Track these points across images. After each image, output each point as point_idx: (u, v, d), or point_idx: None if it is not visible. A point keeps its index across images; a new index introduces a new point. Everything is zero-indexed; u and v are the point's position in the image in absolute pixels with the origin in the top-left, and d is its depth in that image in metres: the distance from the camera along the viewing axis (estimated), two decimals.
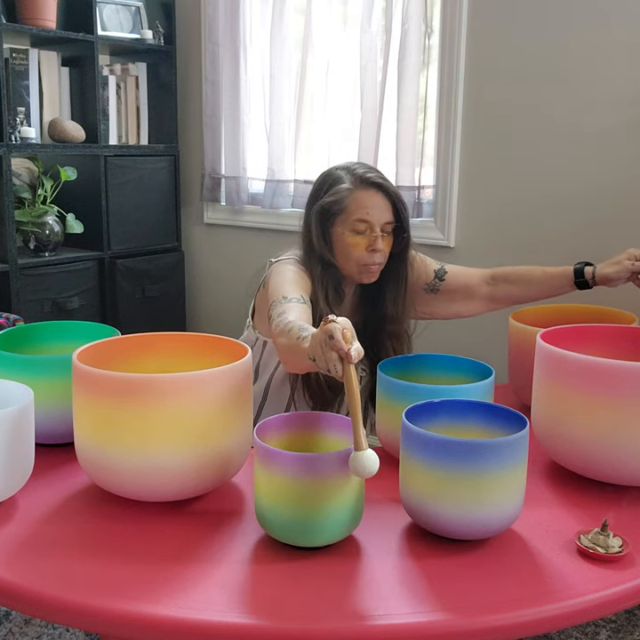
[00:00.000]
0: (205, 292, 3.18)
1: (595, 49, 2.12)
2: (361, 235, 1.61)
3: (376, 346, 1.72)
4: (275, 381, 1.72)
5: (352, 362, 1.07)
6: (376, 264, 1.63)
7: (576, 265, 1.74)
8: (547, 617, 0.96)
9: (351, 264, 1.63)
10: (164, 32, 2.96)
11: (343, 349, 1.07)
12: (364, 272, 1.64)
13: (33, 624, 1.84)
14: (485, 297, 1.81)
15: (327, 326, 1.09)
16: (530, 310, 1.84)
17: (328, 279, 1.64)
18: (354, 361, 1.07)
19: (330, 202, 1.62)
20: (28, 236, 2.71)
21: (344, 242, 1.62)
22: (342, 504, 1.06)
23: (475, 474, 1.04)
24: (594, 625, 1.85)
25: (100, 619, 0.96)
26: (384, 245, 1.62)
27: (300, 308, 1.44)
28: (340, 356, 1.07)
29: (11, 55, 2.60)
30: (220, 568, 1.05)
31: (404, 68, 2.42)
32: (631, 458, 1.22)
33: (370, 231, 1.60)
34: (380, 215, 1.61)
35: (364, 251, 1.61)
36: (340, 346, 1.07)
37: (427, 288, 1.80)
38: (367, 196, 1.61)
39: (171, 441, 1.13)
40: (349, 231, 1.61)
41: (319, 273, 1.63)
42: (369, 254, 1.61)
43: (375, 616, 0.94)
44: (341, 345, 1.07)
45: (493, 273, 1.81)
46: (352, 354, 1.07)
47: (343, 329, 1.09)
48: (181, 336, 1.41)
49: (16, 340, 1.51)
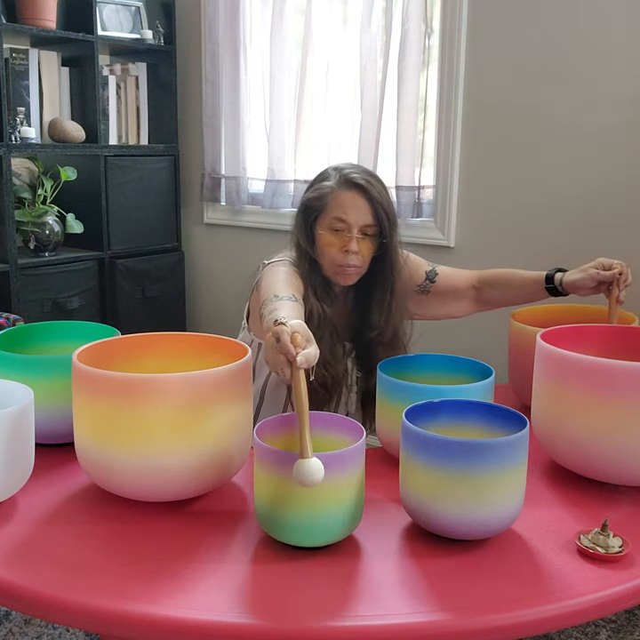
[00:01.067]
0: (205, 292, 3.18)
1: (595, 49, 2.12)
2: (338, 235, 1.60)
3: (369, 352, 1.71)
4: (271, 383, 1.72)
5: (298, 367, 1.05)
6: (350, 266, 1.61)
7: (549, 271, 1.70)
8: (547, 617, 0.96)
9: (327, 264, 1.63)
10: (164, 32, 2.96)
11: (290, 353, 1.06)
12: (340, 273, 1.62)
13: (33, 624, 1.84)
14: (472, 299, 1.82)
15: (275, 329, 1.08)
16: (530, 310, 1.84)
17: (316, 277, 1.63)
18: (300, 366, 1.05)
19: (311, 198, 1.63)
20: (28, 236, 2.71)
21: (322, 241, 1.62)
22: (342, 504, 1.06)
23: (475, 474, 1.04)
24: (594, 625, 1.85)
25: (100, 619, 0.96)
26: (361, 248, 1.60)
27: (292, 305, 1.43)
28: (288, 359, 1.06)
29: (11, 55, 2.60)
30: (220, 568, 1.05)
31: (404, 68, 2.42)
32: (631, 458, 1.22)
33: (347, 231, 1.59)
34: (359, 217, 1.59)
35: (339, 251, 1.60)
36: (287, 349, 1.06)
37: (418, 289, 1.80)
38: (348, 196, 1.59)
39: (171, 441, 1.13)
40: (327, 229, 1.61)
41: (306, 270, 1.63)
42: (343, 255, 1.60)
43: (375, 616, 0.94)
44: (288, 349, 1.06)
45: (479, 275, 1.81)
46: (299, 359, 1.05)
47: (293, 332, 1.08)
48: (181, 336, 1.41)
49: (16, 340, 1.51)
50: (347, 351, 1.73)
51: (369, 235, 1.61)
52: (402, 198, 2.49)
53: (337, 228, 1.59)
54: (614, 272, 1.59)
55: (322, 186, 1.62)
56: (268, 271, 1.61)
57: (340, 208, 1.59)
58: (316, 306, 1.60)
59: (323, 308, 1.62)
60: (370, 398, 1.69)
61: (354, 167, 1.65)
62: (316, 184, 1.65)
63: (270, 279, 1.56)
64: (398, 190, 2.49)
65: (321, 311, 1.61)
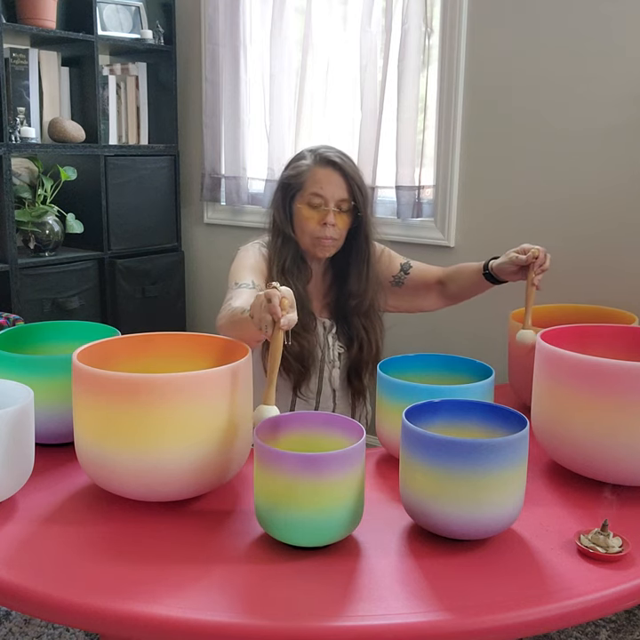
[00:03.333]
0: (205, 292, 3.18)
1: (595, 49, 2.12)
2: (315, 209, 1.71)
3: (347, 324, 1.81)
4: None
5: (282, 328, 1.18)
6: (328, 238, 1.71)
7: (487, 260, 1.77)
8: (547, 617, 0.96)
9: (306, 237, 1.73)
10: (164, 32, 2.96)
11: (277, 314, 1.18)
12: (318, 245, 1.73)
13: (33, 624, 1.84)
14: (439, 293, 1.90)
15: (268, 291, 1.20)
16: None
17: (287, 252, 1.74)
18: (283, 327, 1.18)
19: (289, 176, 1.75)
20: (28, 236, 2.71)
21: (300, 215, 1.73)
22: (342, 504, 1.06)
23: (475, 474, 1.04)
24: (594, 625, 1.85)
25: (99, 619, 0.96)
26: (338, 221, 1.71)
27: (249, 293, 1.56)
28: (273, 319, 1.18)
29: (11, 55, 2.60)
30: (219, 568, 1.05)
31: (404, 68, 2.42)
32: (631, 458, 1.22)
33: (324, 206, 1.70)
34: (335, 191, 1.70)
35: (317, 224, 1.71)
36: (275, 310, 1.18)
37: (393, 281, 1.89)
38: (324, 172, 1.71)
39: (171, 441, 1.13)
40: (305, 205, 1.72)
41: (279, 245, 1.74)
42: (321, 228, 1.71)
43: (375, 616, 0.94)
44: (276, 310, 1.17)
45: (444, 271, 1.90)
46: (282, 321, 1.18)
47: (282, 297, 1.19)
48: (181, 336, 1.41)
49: (16, 339, 1.51)
50: (327, 327, 1.80)
51: (344, 210, 1.72)
52: (402, 198, 2.49)
53: (314, 204, 1.71)
54: (529, 256, 1.63)
55: (299, 164, 1.75)
56: (237, 256, 1.74)
57: (317, 184, 1.70)
58: (282, 281, 1.69)
59: (289, 282, 1.70)
60: (355, 372, 1.80)
61: (328, 148, 1.78)
62: (293, 163, 1.77)
63: (235, 265, 1.70)
64: (398, 190, 2.49)
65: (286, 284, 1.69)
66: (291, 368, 1.73)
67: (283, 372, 1.74)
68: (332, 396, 1.81)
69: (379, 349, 1.81)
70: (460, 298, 1.90)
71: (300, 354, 1.72)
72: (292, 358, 1.71)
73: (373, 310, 1.81)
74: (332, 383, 1.80)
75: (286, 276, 1.72)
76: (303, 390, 1.76)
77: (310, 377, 1.76)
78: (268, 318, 1.19)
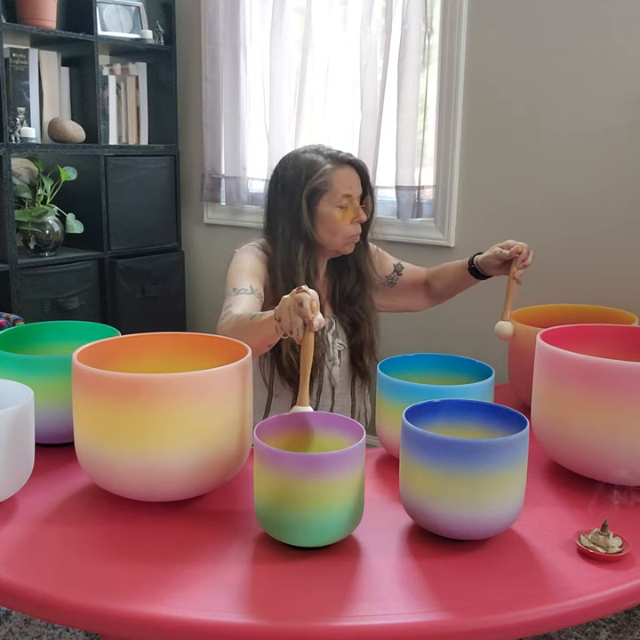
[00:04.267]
0: (205, 292, 3.18)
1: (595, 49, 2.12)
2: (344, 209, 1.72)
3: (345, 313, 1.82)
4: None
5: (313, 330, 1.22)
6: (359, 234, 1.75)
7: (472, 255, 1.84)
8: (547, 617, 0.96)
9: (338, 239, 1.73)
10: (164, 32, 2.96)
11: (308, 317, 1.21)
12: (349, 243, 1.75)
13: (33, 624, 1.84)
14: (425, 294, 1.97)
15: (299, 294, 1.23)
16: (530, 310, 1.84)
17: (309, 258, 1.73)
18: (315, 329, 1.22)
19: (319, 183, 1.71)
20: (28, 236, 2.71)
21: (332, 218, 1.71)
22: (342, 504, 1.06)
23: (475, 474, 1.04)
24: (594, 625, 1.85)
25: (99, 619, 0.96)
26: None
27: (248, 299, 1.58)
28: (304, 322, 1.21)
29: (11, 55, 2.60)
30: (219, 568, 1.05)
31: (404, 68, 2.42)
32: (631, 458, 1.22)
33: (350, 205, 1.72)
34: (357, 189, 1.74)
35: (350, 224, 1.72)
36: (307, 314, 1.21)
37: (385, 281, 1.93)
38: (346, 172, 1.73)
39: (171, 441, 1.13)
40: (336, 207, 1.71)
41: (302, 254, 1.72)
42: (354, 226, 1.73)
43: (375, 616, 0.94)
44: (308, 313, 1.21)
45: (429, 272, 1.96)
46: (315, 323, 1.21)
47: (311, 299, 1.22)
48: (181, 336, 1.41)
49: (16, 340, 1.51)
50: (325, 326, 1.81)
51: (362, 204, 1.75)
52: (402, 198, 2.49)
53: (344, 205, 1.71)
54: (512, 250, 1.71)
55: (325, 170, 1.70)
56: (233, 259, 1.74)
57: (345, 185, 1.71)
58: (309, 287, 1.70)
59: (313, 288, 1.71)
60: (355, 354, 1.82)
61: (328, 147, 1.78)
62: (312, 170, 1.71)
63: (232, 268, 1.70)
64: (398, 190, 2.49)
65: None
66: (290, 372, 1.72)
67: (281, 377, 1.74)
68: (332, 393, 1.81)
69: (377, 329, 1.85)
70: (445, 296, 1.96)
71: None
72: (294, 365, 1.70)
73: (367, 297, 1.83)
74: (332, 381, 1.80)
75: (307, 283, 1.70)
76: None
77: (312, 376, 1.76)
78: (300, 322, 1.22)
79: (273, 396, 1.78)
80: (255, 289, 1.63)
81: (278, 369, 1.74)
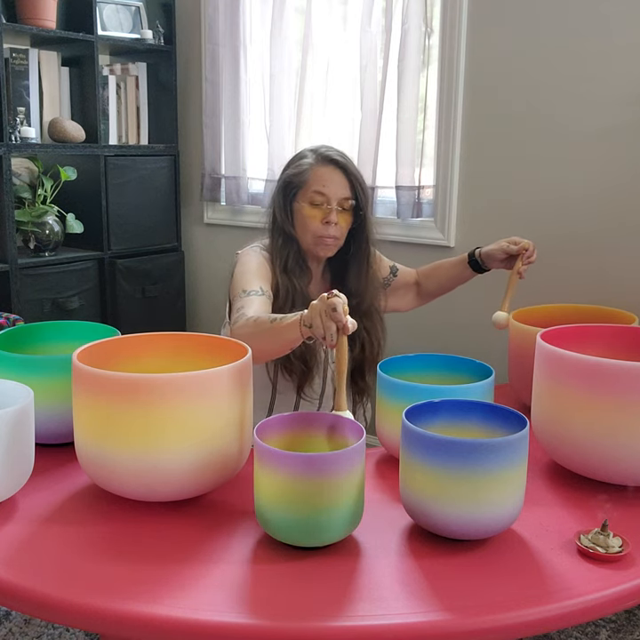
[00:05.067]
0: (205, 292, 3.18)
1: (595, 49, 2.12)
2: (318, 208, 1.70)
3: None
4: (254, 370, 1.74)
5: (347, 333, 1.22)
6: (331, 237, 1.71)
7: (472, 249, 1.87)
8: (547, 617, 0.96)
9: (308, 236, 1.72)
10: (164, 32, 2.96)
11: (342, 322, 1.21)
12: (320, 244, 1.72)
13: (33, 624, 1.84)
14: (416, 294, 1.99)
15: (332, 299, 1.22)
16: (530, 310, 1.84)
17: (288, 252, 1.73)
18: (349, 332, 1.22)
19: (292, 174, 1.73)
20: (28, 236, 2.71)
21: (302, 214, 1.71)
22: (342, 504, 1.06)
23: (475, 474, 1.04)
24: (594, 625, 1.85)
25: (99, 619, 0.96)
26: (340, 220, 1.70)
27: (259, 300, 1.57)
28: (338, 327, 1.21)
29: (11, 55, 2.60)
30: (219, 568, 1.05)
31: (404, 68, 2.42)
32: (631, 458, 1.22)
33: (326, 204, 1.70)
34: (337, 190, 1.70)
35: (320, 223, 1.70)
36: (340, 318, 1.20)
37: (382, 282, 1.91)
38: (326, 170, 1.71)
39: (171, 441, 1.13)
40: (307, 203, 1.71)
41: (280, 245, 1.73)
42: (324, 226, 1.70)
43: (375, 616, 0.94)
44: (341, 317, 1.20)
45: (418, 272, 1.99)
46: (349, 326, 1.21)
47: (343, 303, 1.22)
48: (181, 336, 1.41)
49: (16, 340, 1.51)
50: None
51: (346, 208, 1.72)
52: (402, 198, 2.49)
53: (317, 202, 1.70)
54: (520, 246, 1.77)
55: (301, 163, 1.74)
56: (239, 261, 1.73)
57: (319, 182, 1.70)
58: (284, 280, 1.70)
59: (292, 281, 1.71)
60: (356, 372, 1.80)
61: (329, 147, 1.77)
62: (294, 162, 1.76)
63: (239, 270, 1.68)
64: (398, 190, 2.49)
65: (290, 285, 1.71)
66: (293, 368, 1.72)
67: (285, 372, 1.74)
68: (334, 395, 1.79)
69: (381, 349, 1.82)
70: (434, 295, 1.99)
71: (304, 353, 1.71)
72: (294, 358, 1.70)
73: (374, 309, 1.82)
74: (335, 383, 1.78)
75: (289, 275, 1.71)
76: (307, 391, 1.76)
77: (313, 377, 1.76)
78: (334, 327, 1.21)
79: (277, 393, 1.78)
80: (265, 290, 1.63)
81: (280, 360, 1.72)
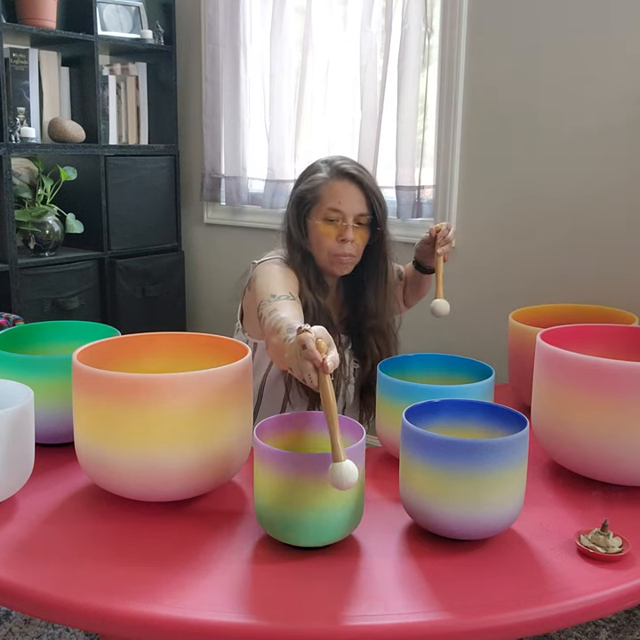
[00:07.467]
0: (205, 292, 3.18)
1: (595, 49, 2.12)
2: (333, 224, 1.61)
3: (361, 341, 1.73)
4: (269, 381, 1.71)
5: (327, 372, 1.04)
6: (346, 255, 1.62)
7: None
8: (547, 617, 0.96)
9: (323, 254, 1.64)
10: (164, 32, 2.96)
11: (317, 359, 1.04)
12: (335, 263, 1.64)
13: (33, 624, 1.84)
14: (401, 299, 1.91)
15: (300, 336, 1.06)
16: (530, 310, 1.84)
17: (308, 269, 1.65)
18: (329, 371, 1.04)
19: (305, 190, 1.64)
20: (28, 236, 2.71)
21: (317, 231, 1.63)
22: (342, 504, 1.06)
23: (475, 474, 1.04)
24: (594, 625, 1.85)
25: (99, 619, 0.96)
26: (356, 237, 1.62)
27: (291, 304, 1.44)
28: (314, 365, 1.04)
29: (11, 55, 2.60)
30: (219, 568, 1.05)
31: (404, 68, 2.42)
32: (632, 458, 1.22)
33: (342, 221, 1.61)
34: (353, 206, 1.61)
35: (335, 240, 1.61)
36: (314, 355, 1.04)
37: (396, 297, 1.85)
38: (341, 186, 1.61)
39: (171, 441, 1.13)
40: (322, 220, 1.62)
41: (299, 262, 1.64)
42: (339, 244, 1.61)
43: (375, 616, 0.94)
44: (315, 355, 1.04)
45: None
46: (327, 364, 1.03)
47: (317, 338, 1.06)
48: (181, 336, 1.41)
49: (16, 339, 1.51)
50: (343, 343, 1.73)
51: (363, 224, 1.63)
52: (402, 198, 2.49)
53: (332, 218, 1.61)
54: (431, 229, 1.68)
55: (315, 177, 1.64)
56: (259, 270, 1.61)
57: (334, 198, 1.61)
58: (310, 297, 1.62)
59: (317, 299, 1.64)
60: (368, 389, 1.73)
61: (344, 159, 1.68)
62: (308, 177, 1.67)
63: (264, 279, 1.56)
64: (398, 190, 2.49)
65: (315, 303, 1.63)
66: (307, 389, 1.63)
67: (301, 390, 1.67)
68: (342, 410, 1.75)
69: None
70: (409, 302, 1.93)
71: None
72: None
73: (389, 327, 1.75)
74: (346, 399, 1.75)
75: (313, 292, 1.64)
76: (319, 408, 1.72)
77: None
78: (308, 366, 1.04)
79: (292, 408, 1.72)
80: (295, 296, 1.52)
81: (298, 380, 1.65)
